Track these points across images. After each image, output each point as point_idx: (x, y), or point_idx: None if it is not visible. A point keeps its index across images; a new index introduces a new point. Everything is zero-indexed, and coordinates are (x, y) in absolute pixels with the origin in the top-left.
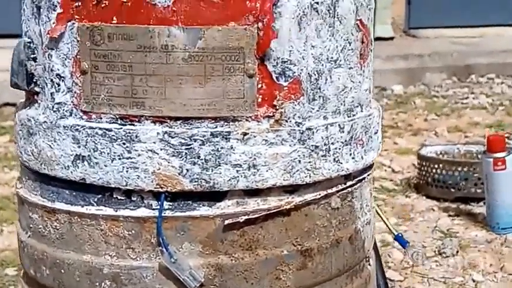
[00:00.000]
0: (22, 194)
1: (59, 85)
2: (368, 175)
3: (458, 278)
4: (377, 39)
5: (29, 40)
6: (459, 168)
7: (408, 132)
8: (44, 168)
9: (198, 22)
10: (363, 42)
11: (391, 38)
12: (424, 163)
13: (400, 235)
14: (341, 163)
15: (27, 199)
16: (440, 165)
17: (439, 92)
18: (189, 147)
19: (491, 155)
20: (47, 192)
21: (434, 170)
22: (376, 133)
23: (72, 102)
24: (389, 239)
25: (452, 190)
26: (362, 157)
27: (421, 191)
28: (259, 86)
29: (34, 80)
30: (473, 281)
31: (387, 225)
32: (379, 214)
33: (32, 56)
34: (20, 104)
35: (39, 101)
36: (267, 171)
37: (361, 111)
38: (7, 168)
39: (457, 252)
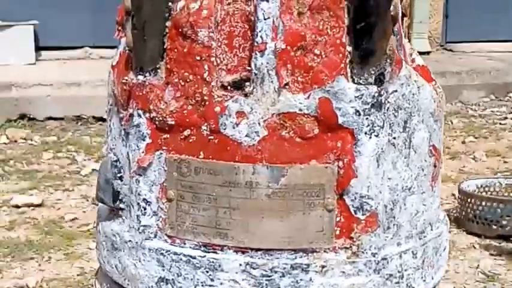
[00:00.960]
0: None
1: (145, 209)
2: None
3: None
4: None
5: (116, 158)
6: (501, 205)
7: (446, 156)
8: (128, 285)
9: (281, 160)
10: (435, 166)
11: (428, 53)
12: (465, 198)
13: None
14: (413, 287)
15: None
16: (482, 201)
17: (476, 111)
18: (270, 278)
19: None
20: None
21: (475, 206)
22: (444, 249)
23: (157, 225)
24: None
25: (494, 227)
26: (432, 278)
27: (462, 226)
28: (338, 219)
29: (120, 198)
30: None
31: None
32: None
33: (119, 175)
34: (102, 211)
35: (123, 217)
36: None
37: (431, 230)
38: (51, 189)
39: None
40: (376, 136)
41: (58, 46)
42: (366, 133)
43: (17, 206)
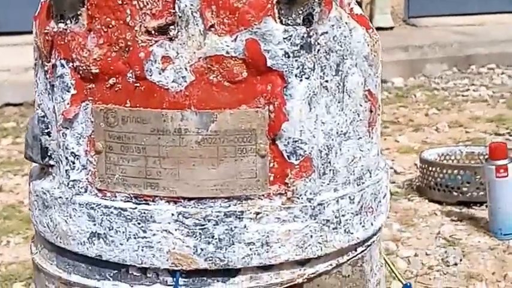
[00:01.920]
0: (38, 261)
1: (73, 163)
2: (377, 237)
3: (462, 287)
4: (377, 29)
5: (43, 114)
6: (461, 172)
7: (409, 128)
8: (60, 242)
9: (210, 106)
10: (371, 111)
11: (391, 28)
12: (426, 166)
13: (408, 284)
14: (352, 233)
15: (43, 268)
16: (443, 169)
17: (439, 84)
18: (203, 227)
19: (493, 162)
20: (63, 264)
21: (436, 174)
22: (384, 197)
23: (87, 179)
24: (394, 247)
25: (455, 194)
26: (372, 223)
27: (424, 194)
28: (271, 165)
29: (49, 154)
30: None
31: (396, 276)
32: (387, 263)
33: (46, 130)
34: (34, 171)
35: (53, 174)
36: (279, 247)
37: (370, 177)
38: (11, 174)
39: (461, 260)
40: (307, 79)
41: (15, 31)
42: (296, 76)
43: None
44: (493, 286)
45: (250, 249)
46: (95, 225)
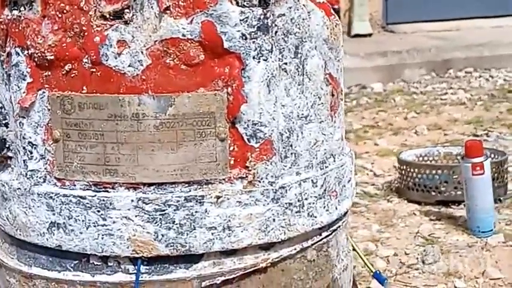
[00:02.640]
0: None
1: (31, 152)
2: (343, 222)
3: (441, 285)
4: (355, 36)
5: (1, 105)
6: (439, 171)
7: (389, 132)
8: (20, 234)
9: (167, 89)
10: (333, 95)
11: (370, 35)
12: (404, 167)
13: (378, 272)
14: (315, 217)
15: (4, 263)
16: (421, 169)
17: (418, 89)
18: (164, 212)
19: (469, 160)
20: (24, 257)
21: (414, 174)
22: (349, 181)
23: (45, 169)
24: (373, 247)
25: (433, 193)
26: (336, 208)
27: (403, 195)
28: (231, 148)
29: (7, 146)
30: (456, 287)
31: (364, 262)
32: (356, 251)
33: (4, 121)
34: None
35: (12, 166)
36: (242, 231)
37: (334, 161)
38: None
39: (439, 258)
40: (265, 60)
41: None
42: (253, 57)
43: None
44: (471, 282)
45: (212, 233)
46: (54, 215)
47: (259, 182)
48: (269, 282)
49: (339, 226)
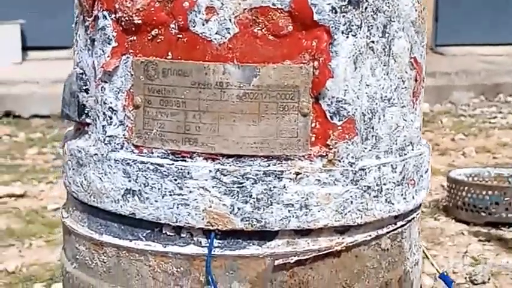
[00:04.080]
0: (69, 224)
1: (111, 118)
2: (417, 214)
3: None
4: None
5: (82, 71)
6: (490, 192)
7: (435, 152)
8: (93, 201)
9: (253, 60)
10: (416, 80)
11: None
12: (453, 186)
13: (445, 273)
14: (393, 204)
15: (74, 230)
16: (471, 189)
17: (466, 111)
18: (241, 185)
19: None
20: (95, 225)
21: (464, 194)
22: (426, 172)
23: (123, 135)
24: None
25: (483, 214)
26: (413, 197)
27: (451, 214)
28: (313, 125)
29: (86, 112)
30: None
31: (433, 264)
32: (425, 253)
33: (84, 87)
34: (69, 133)
35: (89, 133)
36: (319, 211)
37: (412, 149)
38: (35, 181)
39: (489, 279)
40: (354, 36)
41: (45, 46)
42: (342, 32)
43: None
44: None
45: (289, 211)
46: (130, 181)
47: (339, 161)
48: (342, 267)
49: (414, 218)
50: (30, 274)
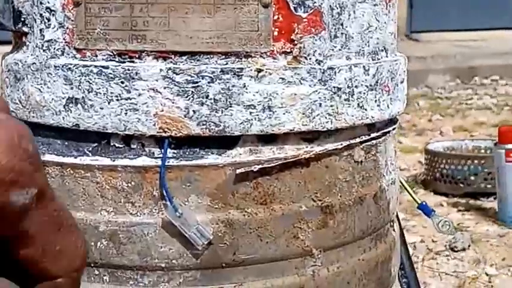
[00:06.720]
0: None
1: (49, 20)
2: (393, 129)
3: (471, 272)
4: None
5: None
6: (468, 163)
7: (413, 133)
8: (33, 116)
9: None
10: None
11: None
12: (432, 158)
13: (424, 203)
14: (365, 109)
15: None
16: (449, 160)
17: (442, 94)
18: (196, 85)
19: (503, 146)
20: (37, 144)
21: (442, 165)
22: (402, 82)
23: (64, 39)
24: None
25: (461, 185)
26: (388, 106)
27: (429, 187)
28: (276, 17)
29: (22, 19)
30: (487, 274)
31: (411, 195)
32: (402, 183)
33: None
34: (6, 53)
35: (27, 43)
36: (284, 113)
37: (387, 56)
38: None
39: (469, 246)
40: None
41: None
42: None
43: None
44: (503, 270)
45: (250, 113)
46: (72, 89)
47: (306, 59)
48: (311, 178)
49: (389, 131)
50: None
